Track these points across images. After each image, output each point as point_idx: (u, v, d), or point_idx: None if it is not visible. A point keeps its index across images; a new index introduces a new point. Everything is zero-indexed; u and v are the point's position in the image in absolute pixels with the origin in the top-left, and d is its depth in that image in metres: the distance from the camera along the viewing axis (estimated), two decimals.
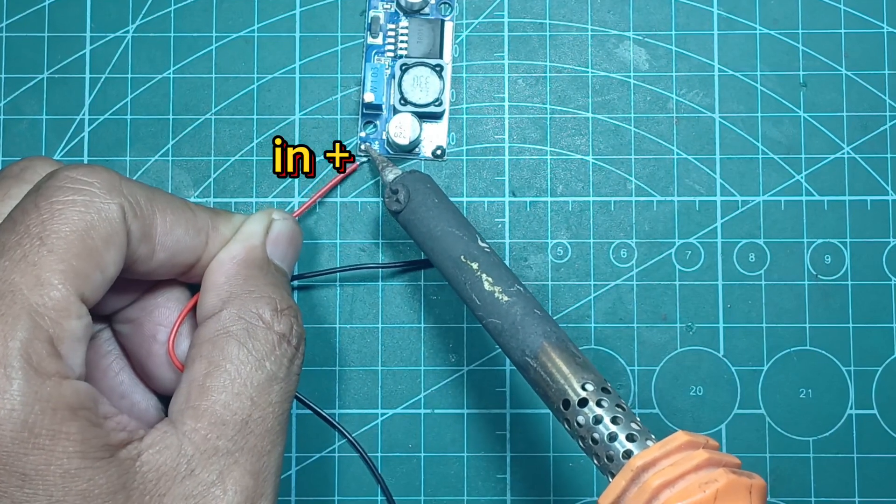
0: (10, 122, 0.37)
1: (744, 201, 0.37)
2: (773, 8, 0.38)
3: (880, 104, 0.37)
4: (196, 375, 0.29)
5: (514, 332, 0.29)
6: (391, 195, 0.33)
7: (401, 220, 0.33)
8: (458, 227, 0.31)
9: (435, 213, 0.32)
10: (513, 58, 0.38)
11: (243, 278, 0.31)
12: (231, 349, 0.29)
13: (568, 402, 0.28)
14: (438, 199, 0.32)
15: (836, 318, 0.36)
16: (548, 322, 0.29)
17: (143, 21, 0.38)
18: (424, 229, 0.32)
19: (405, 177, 0.33)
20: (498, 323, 0.30)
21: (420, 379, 0.36)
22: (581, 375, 0.28)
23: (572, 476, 0.36)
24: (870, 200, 0.37)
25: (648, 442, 0.27)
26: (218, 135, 0.37)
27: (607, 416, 0.27)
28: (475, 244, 0.31)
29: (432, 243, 0.31)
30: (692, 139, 0.37)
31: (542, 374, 0.28)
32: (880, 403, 0.36)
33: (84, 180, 0.27)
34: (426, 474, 0.36)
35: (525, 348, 0.29)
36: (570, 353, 0.29)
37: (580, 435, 0.28)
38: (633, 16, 0.38)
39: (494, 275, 0.30)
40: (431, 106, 0.37)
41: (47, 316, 0.25)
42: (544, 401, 0.29)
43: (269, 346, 0.30)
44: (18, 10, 0.38)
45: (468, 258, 0.31)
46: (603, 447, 0.27)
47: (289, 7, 0.38)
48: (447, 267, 0.31)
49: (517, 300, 0.30)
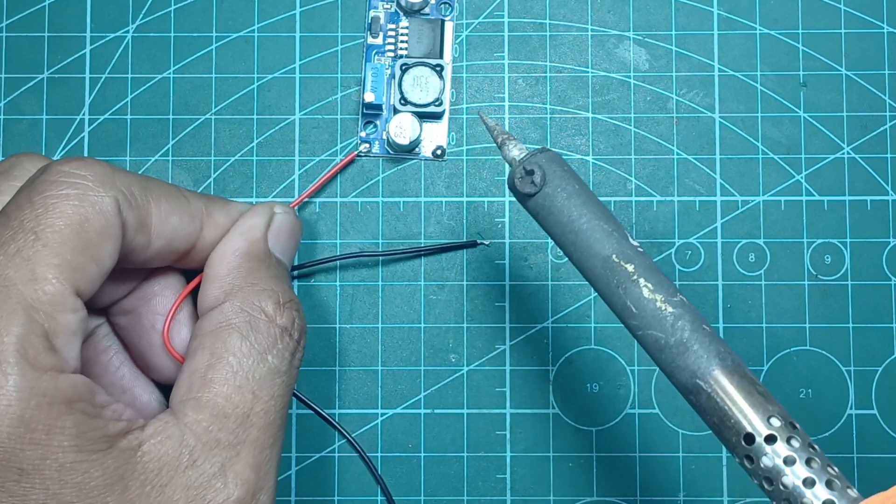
0: (10, 122, 0.37)
1: (744, 201, 0.37)
2: (773, 8, 0.38)
3: (880, 104, 0.37)
4: (198, 366, 0.29)
5: (682, 351, 0.25)
6: (525, 175, 0.28)
7: (531, 206, 0.28)
8: (607, 220, 0.27)
9: (578, 202, 0.27)
10: (513, 58, 0.38)
11: (246, 271, 0.31)
12: (234, 341, 0.29)
13: (752, 437, 0.24)
14: (579, 186, 0.28)
15: (836, 318, 0.36)
16: (719, 341, 0.25)
17: (143, 21, 0.38)
18: (564, 219, 0.27)
19: (539, 155, 0.28)
20: (661, 337, 0.25)
21: (420, 379, 0.36)
22: (766, 407, 0.24)
23: (572, 476, 0.36)
24: (870, 200, 0.37)
25: (850, 491, 0.23)
26: (218, 135, 0.37)
27: (800, 457, 0.24)
28: (627, 242, 0.27)
29: (574, 237, 0.27)
30: (692, 139, 0.37)
31: (718, 403, 0.25)
32: (880, 403, 0.36)
33: (77, 173, 0.27)
34: (426, 474, 0.36)
35: (696, 370, 0.25)
36: (749, 381, 0.25)
37: (766, 476, 0.24)
38: (633, 16, 0.38)
39: (654, 280, 0.26)
40: (431, 106, 0.37)
41: (42, 310, 0.25)
42: (716, 431, 0.25)
43: (272, 340, 0.30)
44: (18, 10, 0.38)
45: (622, 258, 0.26)
46: (796, 493, 0.23)
47: (289, 7, 0.38)
48: (593, 266, 0.27)
49: (683, 312, 0.26)
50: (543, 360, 0.37)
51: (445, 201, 0.37)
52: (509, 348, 0.37)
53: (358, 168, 0.37)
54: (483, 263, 0.37)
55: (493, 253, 0.37)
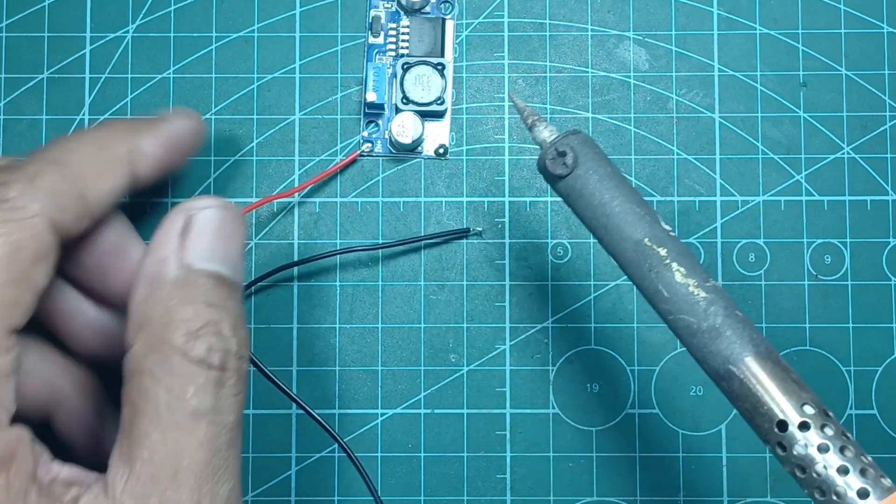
0: (10, 122, 0.37)
1: (744, 201, 0.37)
2: (773, 8, 0.38)
3: (880, 104, 0.37)
4: (123, 421, 0.26)
5: (714, 336, 0.25)
6: (557, 157, 0.27)
7: (561, 188, 0.28)
8: (639, 203, 0.27)
9: (610, 185, 0.27)
10: (513, 58, 0.38)
11: (154, 300, 0.26)
12: (148, 389, 0.25)
13: (784, 424, 0.24)
14: (611, 168, 0.27)
15: (836, 318, 0.37)
16: (752, 327, 0.25)
17: (143, 21, 0.38)
18: (596, 202, 0.27)
19: (570, 137, 0.28)
20: (692, 322, 0.25)
21: (420, 379, 0.36)
22: (799, 395, 0.24)
23: (572, 476, 0.36)
24: (870, 200, 0.37)
25: (883, 480, 0.23)
26: (218, 135, 0.37)
27: (834, 445, 0.24)
28: (659, 226, 0.26)
29: (606, 220, 0.27)
30: (692, 139, 0.37)
31: (751, 389, 0.25)
32: (880, 403, 0.36)
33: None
34: (426, 474, 0.36)
35: (729, 356, 0.25)
36: (783, 367, 0.25)
37: (798, 464, 0.24)
38: (633, 16, 0.38)
39: (687, 265, 0.26)
40: (433, 104, 0.37)
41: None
42: (748, 418, 0.25)
43: (187, 378, 0.25)
44: (18, 10, 0.38)
45: (654, 242, 0.26)
46: (829, 481, 0.23)
47: (289, 7, 0.38)
48: (625, 249, 0.26)
49: (716, 297, 0.25)
50: (543, 360, 0.37)
51: (445, 201, 0.37)
52: (509, 348, 0.37)
53: (358, 168, 0.37)
54: (483, 263, 0.37)
55: (493, 253, 0.37)
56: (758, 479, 0.36)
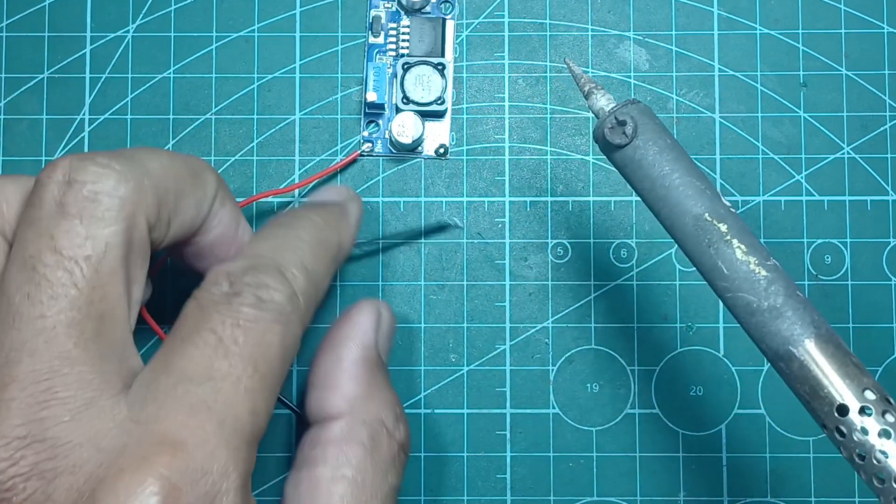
0: (10, 122, 0.37)
1: (744, 201, 0.37)
2: (773, 8, 0.38)
3: (880, 104, 0.37)
4: (321, 478, 0.28)
5: (775, 316, 0.24)
6: (616, 126, 0.27)
7: (619, 158, 0.27)
8: (699, 177, 0.26)
9: (671, 156, 0.26)
10: (513, 58, 0.38)
11: (366, 382, 0.30)
12: (358, 457, 0.28)
13: (844, 408, 0.24)
14: (671, 140, 0.27)
15: (836, 318, 0.36)
16: (814, 309, 0.25)
17: (143, 21, 0.38)
18: (655, 174, 0.26)
19: (630, 107, 0.27)
20: (752, 300, 0.25)
21: (420, 379, 0.36)
22: (861, 379, 0.24)
23: (572, 476, 0.36)
24: (870, 200, 0.37)
25: None
26: (218, 135, 0.37)
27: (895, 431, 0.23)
28: (720, 201, 0.26)
29: (665, 192, 0.26)
30: (692, 139, 0.37)
31: (811, 371, 0.24)
32: None
33: (273, 301, 0.26)
34: (426, 474, 0.36)
35: (789, 336, 0.24)
36: (844, 351, 0.24)
37: (857, 450, 0.23)
38: (633, 16, 0.38)
39: (748, 242, 0.25)
40: (434, 104, 0.37)
41: (254, 447, 0.25)
42: (806, 401, 0.25)
43: (391, 456, 0.29)
44: (18, 10, 0.38)
45: (714, 217, 0.25)
46: (889, 469, 0.23)
47: (289, 7, 0.38)
48: (684, 224, 0.26)
49: (777, 277, 0.25)
50: (543, 360, 0.37)
51: (445, 201, 0.37)
52: (509, 348, 0.37)
53: (358, 168, 0.37)
54: (483, 263, 0.37)
55: (493, 253, 0.37)
56: (758, 479, 0.36)
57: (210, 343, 0.25)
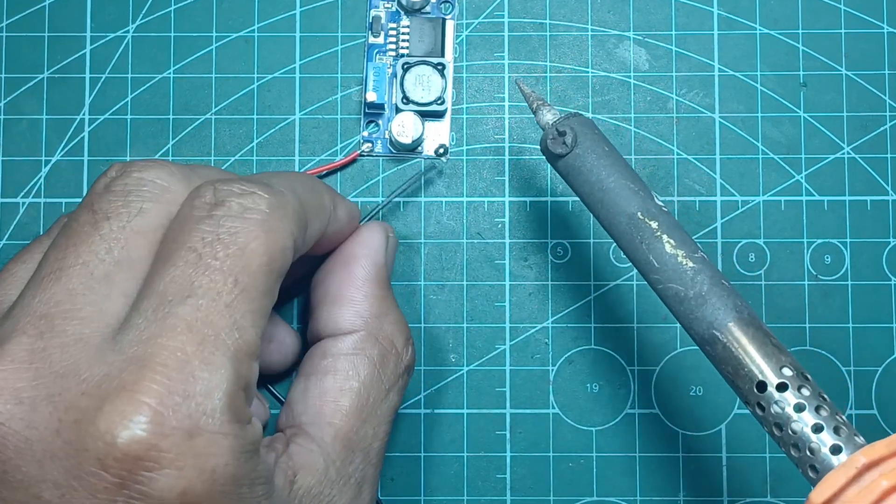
0: (10, 122, 0.37)
1: (744, 201, 0.37)
2: (773, 8, 0.38)
3: (880, 104, 0.37)
4: (329, 388, 0.28)
5: (701, 303, 0.26)
6: (557, 136, 0.29)
7: (561, 166, 0.29)
8: (633, 180, 0.29)
9: (607, 162, 0.29)
10: (513, 58, 0.38)
11: (377, 298, 0.31)
12: (366, 372, 0.29)
13: (764, 384, 0.25)
14: (608, 148, 0.29)
15: (836, 318, 0.37)
16: (737, 296, 0.27)
17: (143, 21, 0.38)
18: (593, 178, 0.29)
19: (571, 119, 0.30)
20: (680, 290, 0.27)
21: (420, 379, 0.36)
22: (779, 357, 0.26)
23: (572, 476, 0.36)
24: (870, 200, 0.37)
25: (857, 438, 0.24)
26: (218, 135, 0.37)
27: (810, 404, 0.25)
28: (652, 201, 0.28)
29: (602, 195, 0.28)
30: (692, 139, 0.37)
31: (733, 352, 0.26)
32: (880, 403, 0.36)
33: (259, 209, 0.26)
34: (426, 474, 0.36)
35: (714, 321, 0.26)
36: (764, 333, 0.26)
37: (775, 423, 0.25)
38: (633, 16, 0.38)
39: (676, 237, 0.27)
40: (433, 105, 0.37)
41: (243, 361, 0.24)
42: (730, 381, 0.26)
43: (396, 376, 0.30)
44: (18, 10, 0.38)
45: (646, 215, 0.28)
46: (804, 438, 0.24)
47: (289, 7, 0.38)
48: (619, 223, 0.28)
49: (703, 267, 0.27)
50: (543, 360, 0.37)
51: (445, 201, 0.37)
52: (509, 348, 0.37)
53: (358, 168, 0.37)
54: (483, 263, 0.37)
55: (493, 253, 0.37)
56: (758, 479, 0.36)
57: (190, 261, 0.25)
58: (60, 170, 0.37)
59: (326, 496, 0.27)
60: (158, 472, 0.23)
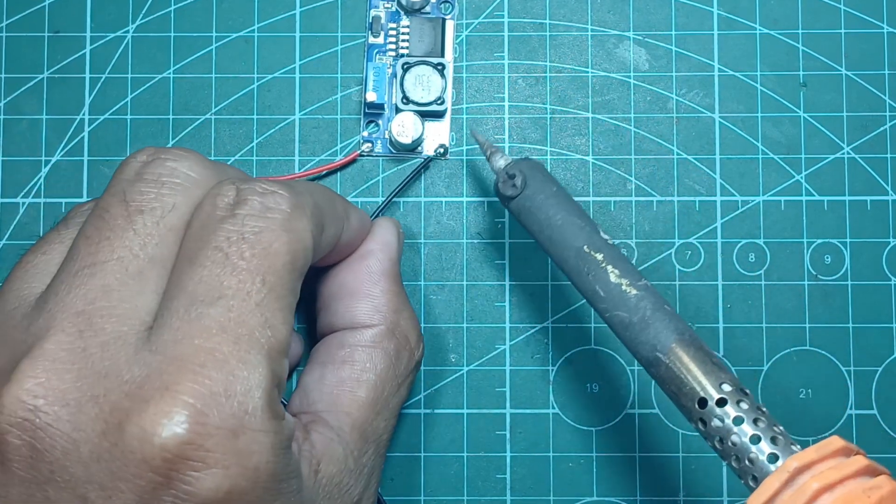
0: (10, 122, 0.37)
1: (744, 201, 0.37)
2: (773, 8, 0.38)
3: (880, 104, 0.37)
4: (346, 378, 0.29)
5: (644, 327, 0.28)
6: (507, 179, 0.31)
7: (513, 207, 0.32)
8: (579, 216, 0.30)
9: (554, 202, 0.31)
10: (513, 58, 0.38)
11: (394, 294, 0.31)
12: (382, 366, 0.30)
13: (704, 400, 0.27)
14: (556, 188, 0.31)
15: (836, 318, 0.37)
16: (679, 319, 0.28)
17: (143, 21, 0.38)
18: (542, 217, 0.31)
19: (520, 163, 0.32)
20: (625, 316, 0.28)
21: (420, 379, 0.36)
22: (718, 375, 0.27)
23: (572, 476, 0.36)
24: (870, 200, 0.37)
25: (793, 447, 0.26)
26: (218, 135, 0.37)
27: (748, 416, 0.26)
28: (598, 235, 0.30)
29: (550, 232, 0.30)
30: (692, 139, 0.37)
31: (675, 372, 0.27)
32: (880, 403, 0.36)
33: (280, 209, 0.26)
34: (426, 474, 0.36)
35: (657, 344, 0.28)
36: (705, 352, 0.28)
37: (717, 436, 0.26)
38: (633, 16, 0.38)
39: (621, 267, 0.29)
40: (433, 105, 0.37)
41: (276, 360, 0.25)
42: (674, 399, 0.28)
43: (408, 371, 0.31)
44: (18, 10, 0.38)
45: (592, 248, 0.30)
46: (743, 449, 0.26)
47: (289, 7, 0.38)
48: (567, 257, 0.30)
49: (646, 294, 0.29)
50: (543, 360, 0.37)
51: (445, 201, 0.37)
52: (509, 348, 0.37)
53: (358, 168, 0.37)
54: (483, 263, 0.37)
55: (493, 253, 0.37)
56: None
57: (217, 261, 0.25)
58: (60, 170, 0.37)
59: (346, 485, 0.27)
60: (204, 471, 0.23)
